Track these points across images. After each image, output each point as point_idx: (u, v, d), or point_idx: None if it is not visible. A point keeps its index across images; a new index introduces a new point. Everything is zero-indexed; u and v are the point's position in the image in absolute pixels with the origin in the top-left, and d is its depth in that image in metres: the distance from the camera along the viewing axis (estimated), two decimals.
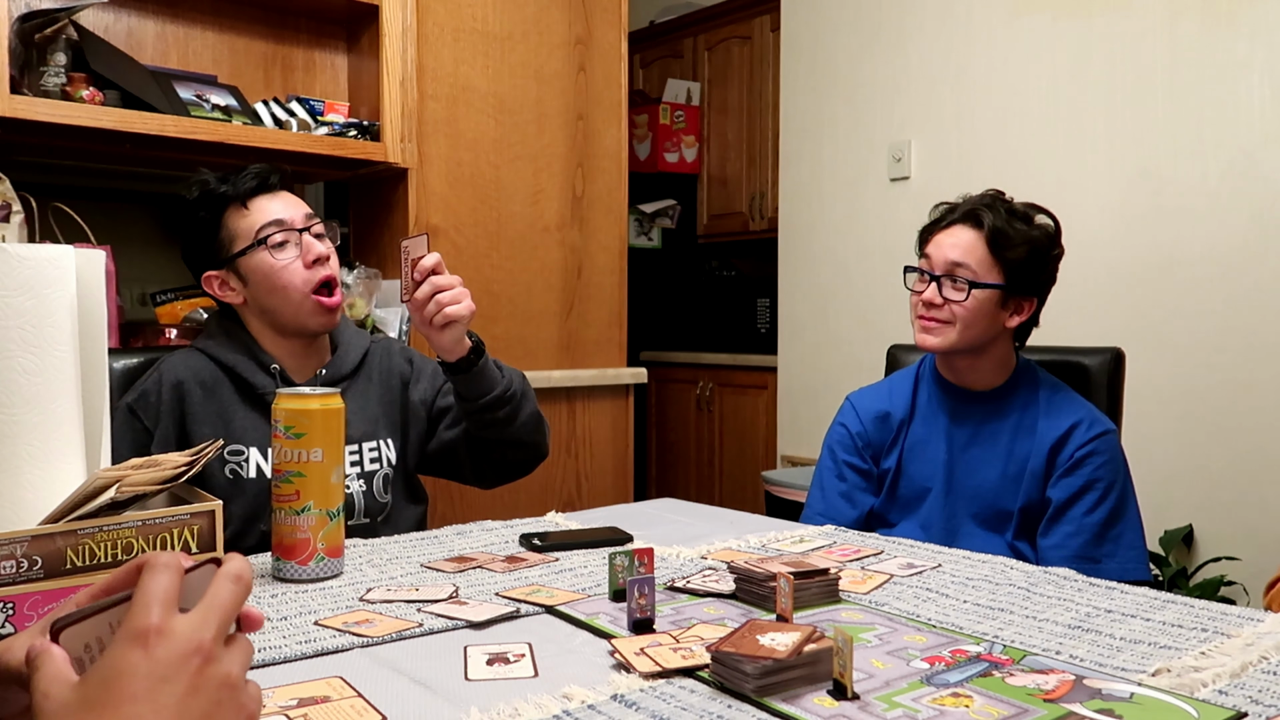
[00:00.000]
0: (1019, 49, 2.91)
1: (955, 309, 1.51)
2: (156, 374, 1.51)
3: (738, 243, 4.45)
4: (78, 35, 2.00)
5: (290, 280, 1.48)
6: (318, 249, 1.50)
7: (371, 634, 0.91)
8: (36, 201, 1.91)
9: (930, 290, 1.53)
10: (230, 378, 1.51)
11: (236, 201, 1.50)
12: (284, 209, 1.51)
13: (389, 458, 1.58)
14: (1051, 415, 1.54)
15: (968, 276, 1.51)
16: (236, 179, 1.51)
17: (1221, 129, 2.51)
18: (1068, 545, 1.48)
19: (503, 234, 2.58)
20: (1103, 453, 1.51)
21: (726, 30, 4.37)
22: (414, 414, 1.62)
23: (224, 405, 1.49)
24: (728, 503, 3.60)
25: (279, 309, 1.50)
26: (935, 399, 1.63)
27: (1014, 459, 1.55)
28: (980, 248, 1.51)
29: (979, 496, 1.55)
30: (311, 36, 2.48)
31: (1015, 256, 1.52)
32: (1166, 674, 0.81)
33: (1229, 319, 2.50)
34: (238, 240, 1.50)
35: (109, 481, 0.90)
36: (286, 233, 1.49)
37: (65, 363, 0.98)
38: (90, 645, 0.54)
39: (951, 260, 1.52)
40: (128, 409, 1.47)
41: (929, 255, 1.56)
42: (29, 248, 0.97)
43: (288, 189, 1.56)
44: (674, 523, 1.47)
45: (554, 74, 2.67)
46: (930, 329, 1.54)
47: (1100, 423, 1.54)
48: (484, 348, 1.49)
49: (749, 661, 0.75)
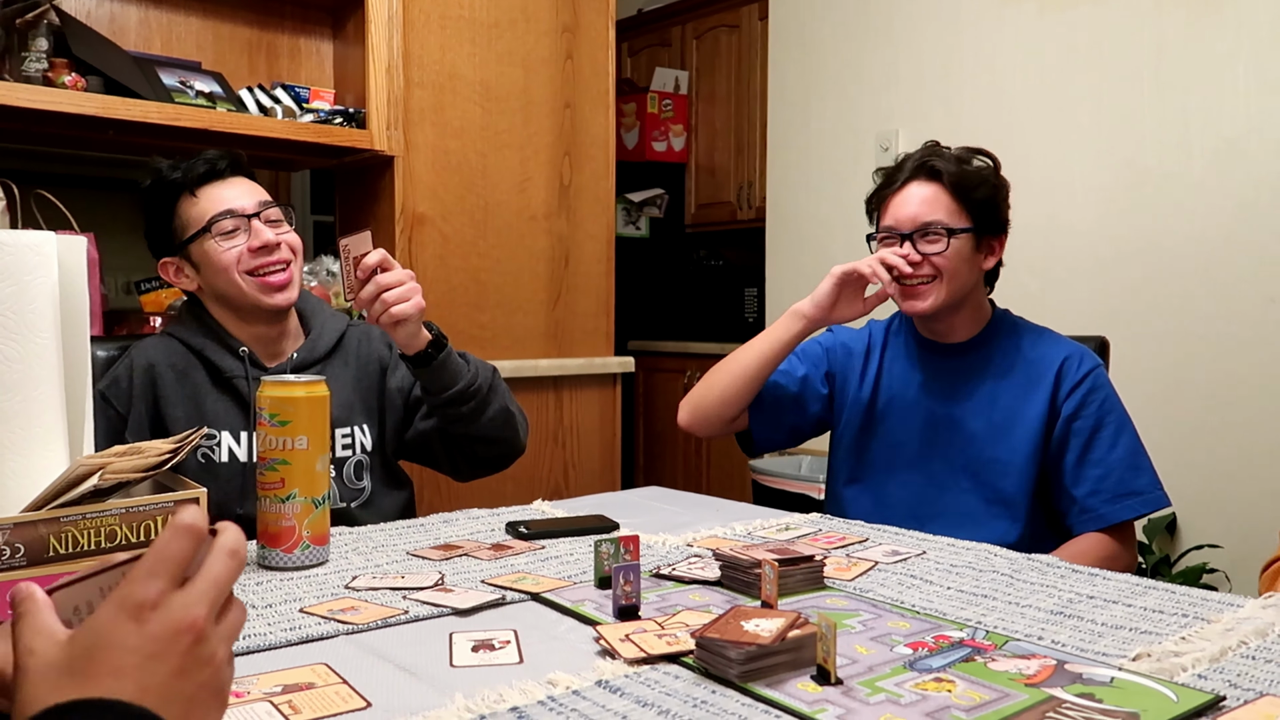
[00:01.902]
0: (1006, 39, 2.92)
1: (937, 261, 1.48)
2: (128, 359, 1.50)
3: (725, 232, 4.45)
4: (60, 20, 1.98)
5: (230, 262, 1.47)
6: (264, 236, 1.47)
7: (357, 621, 0.91)
8: (19, 188, 1.89)
9: (906, 250, 1.50)
10: (201, 362, 1.50)
11: (186, 190, 1.49)
12: (235, 196, 1.49)
13: (363, 443, 1.57)
14: (1037, 360, 1.53)
15: (943, 224, 1.49)
16: (188, 165, 1.49)
17: (1207, 119, 2.52)
18: (1103, 489, 1.46)
19: (490, 222, 2.57)
20: (1101, 386, 1.51)
21: (714, 19, 4.36)
22: (390, 401, 1.61)
23: (196, 389, 1.49)
24: (715, 491, 3.60)
25: (228, 292, 1.49)
26: (910, 354, 1.61)
27: (999, 407, 1.52)
28: (943, 197, 1.50)
29: (967, 449, 1.52)
30: (297, 23, 2.46)
31: (981, 196, 1.51)
32: (1147, 659, 0.81)
33: (1213, 308, 2.51)
34: (189, 228, 1.49)
35: (92, 469, 0.90)
36: (236, 220, 1.48)
37: (47, 350, 0.97)
38: (80, 608, 0.53)
39: (920, 219, 1.49)
40: (100, 395, 1.46)
41: (892, 220, 1.52)
42: (10, 234, 0.96)
43: (243, 174, 1.53)
44: (660, 511, 1.47)
45: (541, 62, 2.66)
46: (917, 292, 1.50)
47: (1089, 357, 1.53)
48: (445, 341, 1.46)
49: (733, 647, 0.76)
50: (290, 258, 1.50)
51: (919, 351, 1.60)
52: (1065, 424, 1.50)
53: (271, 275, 1.48)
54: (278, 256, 1.49)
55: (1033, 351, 1.55)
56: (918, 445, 1.57)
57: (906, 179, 1.53)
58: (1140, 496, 1.47)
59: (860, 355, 1.65)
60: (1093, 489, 1.47)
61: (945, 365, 1.58)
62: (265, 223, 1.49)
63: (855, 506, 1.59)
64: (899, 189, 1.53)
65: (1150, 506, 1.47)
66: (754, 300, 4.21)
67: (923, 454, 1.56)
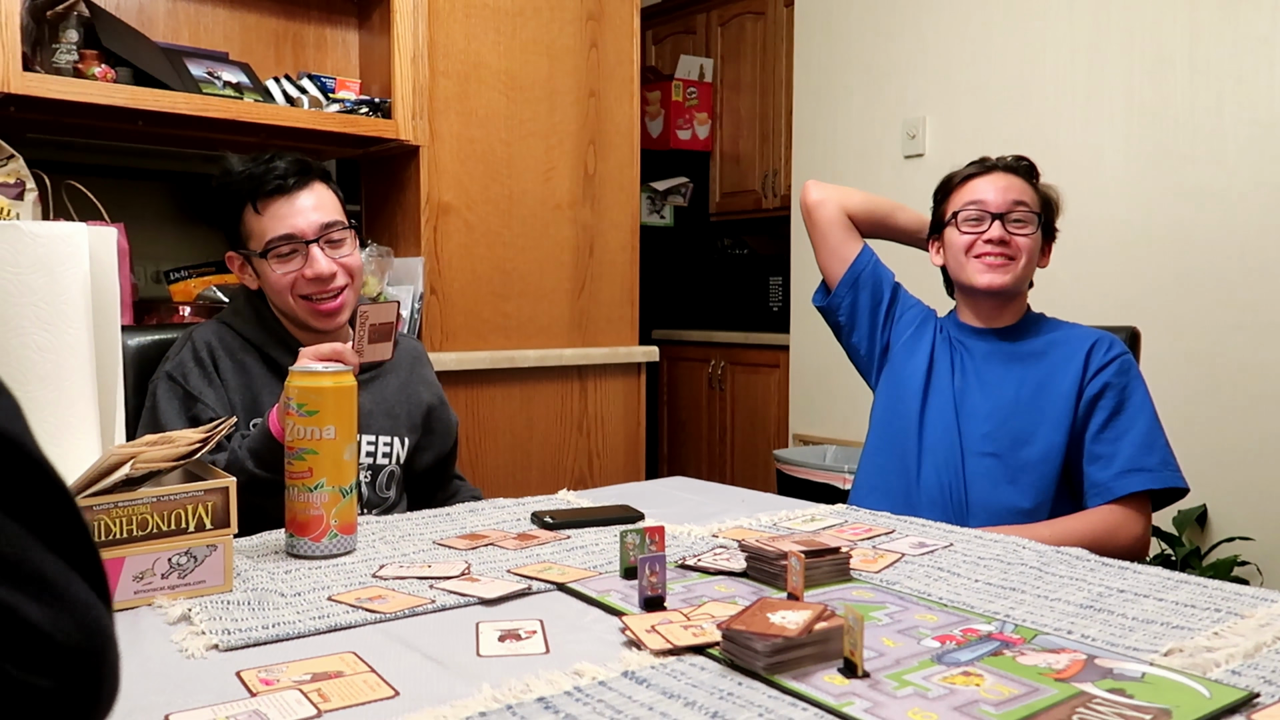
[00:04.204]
0: (1036, 24, 2.88)
1: (1021, 243, 1.56)
2: (189, 343, 1.50)
3: (750, 220, 4.43)
4: (89, 12, 2.00)
5: (285, 286, 1.48)
6: (319, 266, 1.46)
7: (384, 610, 0.91)
8: (50, 179, 1.91)
9: (995, 227, 1.56)
10: (258, 353, 1.51)
11: (250, 204, 1.48)
12: (298, 216, 1.47)
13: (399, 455, 1.58)
14: (1069, 342, 1.58)
15: (1031, 209, 1.57)
16: (257, 175, 1.47)
17: (1241, 105, 2.48)
18: (1114, 465, 1.49)
19: (514, 211, 2.57)
20: (1127, 370, 1.55)
21: (740, 6, 4.33)
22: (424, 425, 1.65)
23: (251, 378, 1.50)
24: (739, 481, 3.60)
25: (282, 309, 1.52)
26: (953, 340, 1.66)
27: (1027, 383, 1.56)
28: (1030, 191, 1.59)
29: (993, 416, 1.56)
30: (323, 13, 2.47)
31: (1050, 198, 1.62)
32: (1179, 654, 0.80)
33: (1246, 297, 2.48)
34: (251, 241, 1.50)
35: (123, 458, 0.91)
36: (294, 244, 1.47)
37: (79, 340, 0.98)
38: None
39: (1013, 199, 1.57)
40: (167, 377, 1.47)
41: (983, 195, 1.58)
42: (42, 225, 0.97)
43: (315, 179, 1.51)
44: (685, 501, 1.47)
45: (566, 50, 2.65)
46: (997, 266, 1.57)
47: (1118, 344, 1.57)
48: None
49: (759, 639, 0.75)
50: (345, 284, 1.50)
51: (959, 337, 1.66)
52: (1090, 403, 1.53)
53: (323, 302, 1.49)
54: (332, 286, 1.49)
55: (1064, 338, 1.60)
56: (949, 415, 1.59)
57: (992, 168, 1.61)
58: (1148, 473, 1.49)
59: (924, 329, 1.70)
60: (1104, 465, 1.51)
61: (984, 347, 1.63)
62: (326, 244, 1.48)
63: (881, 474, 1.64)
64: (985, 174, 1.61)
65: (1158, 483, 1.48)
66: (779, 289, 4.19)
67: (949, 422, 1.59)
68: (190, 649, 0.82)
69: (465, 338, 2.49)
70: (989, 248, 1.56)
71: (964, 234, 1.59)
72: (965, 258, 1.59)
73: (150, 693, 0.73)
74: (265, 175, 1.47)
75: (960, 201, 1.61)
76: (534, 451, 2.61)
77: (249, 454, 1.32)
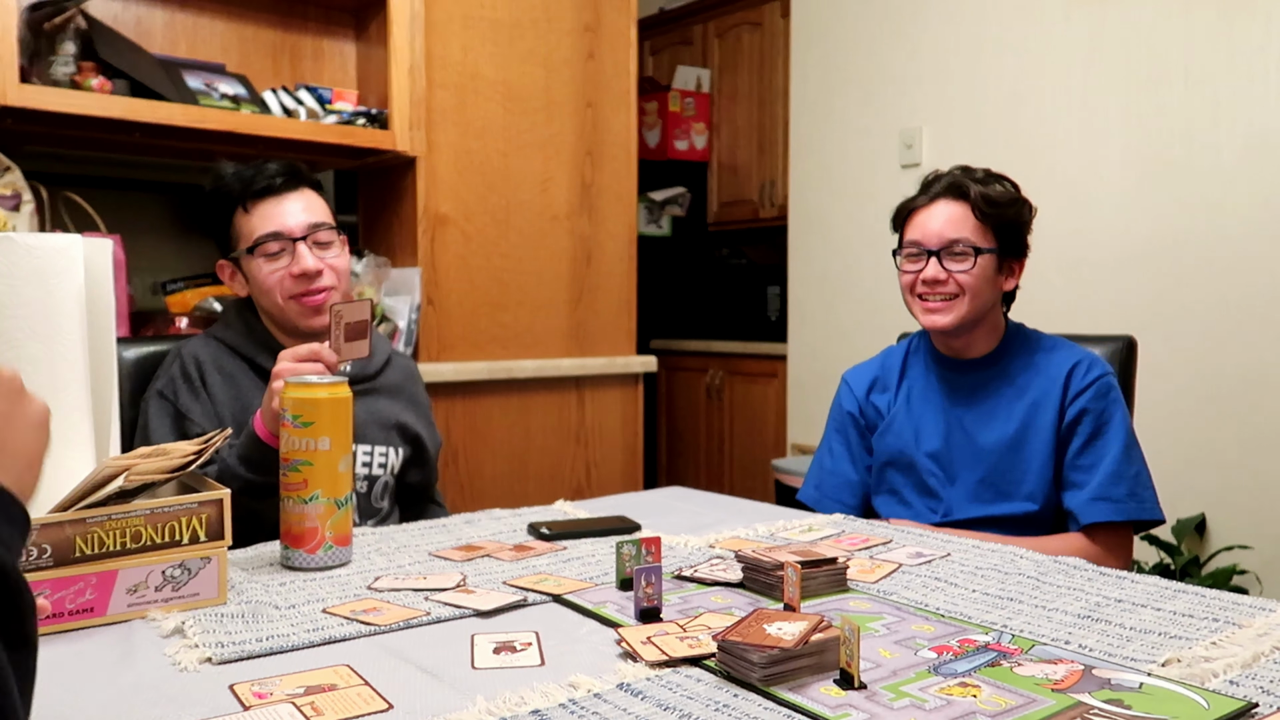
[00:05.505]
0: (1033, 34, 2.89)
1: (962, 279, 1.51)
2: (175, 359, 1.51)
3: (748, 230, 4.44)
4: (86, 24, 2.00)
5: (273, 284, 1.49)
6: (305, 263, 1.48)
7: (379, 622, 0.91)
8: (47, 191, 1.91)
9: (931, 266, 1.52)
10: (246, 362, 1.51)
11: (240, 205, 1.50)
12: (286, 216, 1.49)
13: (394, 465, 1.58)
14: (1049, 369, 1.55)
15: (970, 243, 1.51)
16: (247, 177, 1.50)
17: (1237, 114, 2.48)
18: (1083, 493, 1.48)
19: (511, 222, 2.57)
20: (1104, 394, 1.52)
21: (737, 17, 4.34)
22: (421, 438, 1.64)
23: (240, 388, 1.50)
24: (737, 491, 3.59)
25: (271, 310, 1.52)
26: (930, 372, 1.62)
27: (1013, 418, 1.54)
28: (969, 218, 1.52)
29: (981, 460, 1.54)
30: (320, 25, 2.47)
31: (1007, 218, 1.53)
32: (1177, 664, 0.80)
33: (1243, 306, 2.48)
34: (239, 242, 1.52)
35: (117, 470, 0.90)
36: (281, 242, 1.48)
37: (73, 352, 0.98)
38: None
39: (946, 236, 1.52)
40: (159, 395, 1.48)
41: (920, 234, 1.54)
42: (37, 237, 0.97)
43: (304, 185, 1.53)
44: (682, 511, 1.47)
45: (563, 61, 2.66)
46: (938, 308, 1.53)
47: (1097, 364, 1.54)
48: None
49: (755, 650, 0.75)
50: (332, 284, 1.51)
51: (937, 368, 1.62)
52: (1069, 427, 1.52)
53: (311, 297, 1.49)
54: (318, 284, 1.49)
55: (1045, 363, 1.56)
56: (938, 457, 1.57)
57: (935, 196, 1.55)
58: (1113, 504, 1.46)
59: (888, 386, 1.66)
60: (1075, 492, 1.50)
61: (963, 381, 1.59)
62: (314, 244, 1.50)
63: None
64: (927, 205, 1.55)
65: (1120, 515, 1.46)
66: (776, 299, 4.19)
67: (943, 466, 1.57)
68: (184, 662, 0.81)
69: (463, 348, 2.49)
70: (926, 288, 1.53)
71: (905, 273, 1.57)
72: (911, 296, 1.56)
73: (143, 706, 0.73)
74: (255, 176, 1.50)
75: (906, 236, 1.58)
76: (531, 462, 2.60)
77: (239, 461, 1.33)
